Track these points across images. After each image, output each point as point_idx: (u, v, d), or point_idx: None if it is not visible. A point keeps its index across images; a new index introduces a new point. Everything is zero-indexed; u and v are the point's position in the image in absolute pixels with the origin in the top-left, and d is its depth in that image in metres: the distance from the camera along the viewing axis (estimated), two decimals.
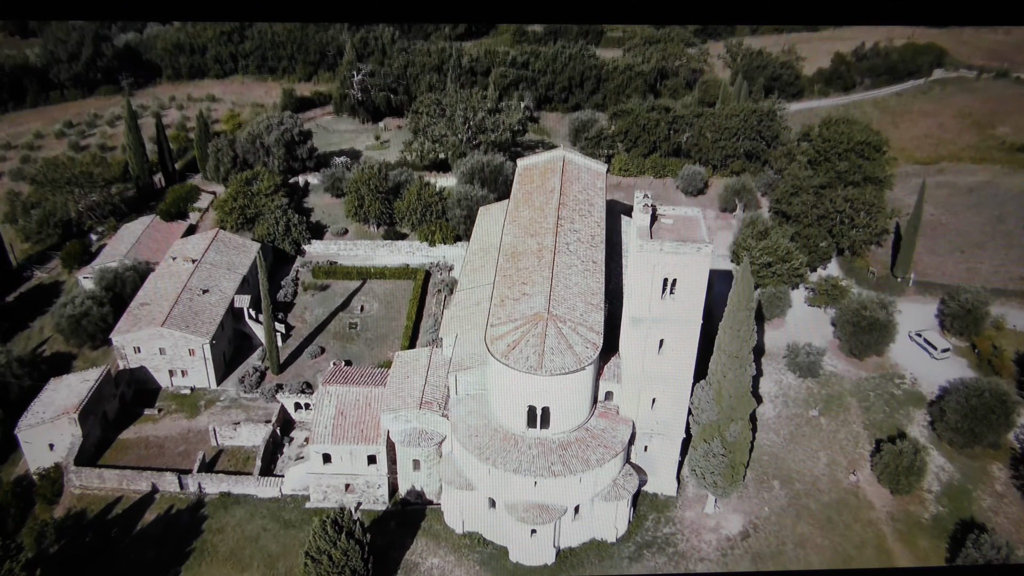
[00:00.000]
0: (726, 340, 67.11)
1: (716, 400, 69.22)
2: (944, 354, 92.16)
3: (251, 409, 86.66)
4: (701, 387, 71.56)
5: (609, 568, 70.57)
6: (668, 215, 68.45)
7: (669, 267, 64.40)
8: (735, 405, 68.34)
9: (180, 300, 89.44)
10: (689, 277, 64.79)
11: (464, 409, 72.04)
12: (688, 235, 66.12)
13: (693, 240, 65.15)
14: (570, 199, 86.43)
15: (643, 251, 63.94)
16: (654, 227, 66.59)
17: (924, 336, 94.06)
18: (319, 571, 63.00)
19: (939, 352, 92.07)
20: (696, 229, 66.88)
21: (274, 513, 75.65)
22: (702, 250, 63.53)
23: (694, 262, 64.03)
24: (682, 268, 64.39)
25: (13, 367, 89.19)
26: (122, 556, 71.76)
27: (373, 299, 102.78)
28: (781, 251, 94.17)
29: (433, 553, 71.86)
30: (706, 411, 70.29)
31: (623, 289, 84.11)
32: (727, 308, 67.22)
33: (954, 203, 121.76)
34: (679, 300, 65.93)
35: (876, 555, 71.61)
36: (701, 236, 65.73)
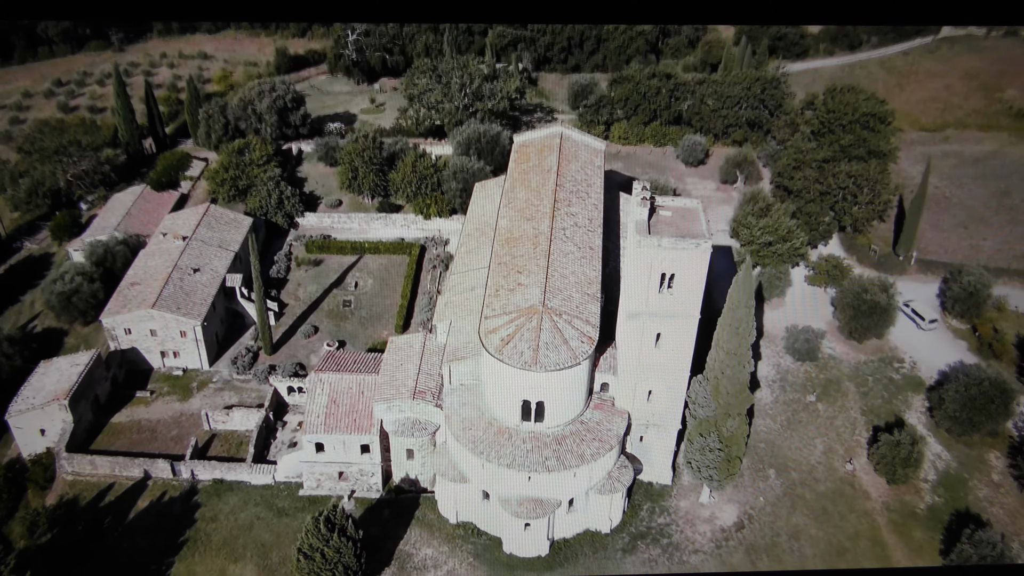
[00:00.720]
0: (725, 337, 65.94)
1: (713, 396, 68.34)
2: (931, 325, 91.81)
3: (244, 391, 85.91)
4: (698, 382, 70.61)
5: (603, 559, 70.51)
6: (667, 207, 66.68)
7: (667, 262, 62.91)
8: (732, 401, 67.47)
9: (170, 280, 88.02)
10: (687, 273, 63.33)
11: (458, 400, 71.23)
12: (687, 228, 64.47)
13: (692, 234, 63.53)
14: (567, 179, 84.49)
15: (641, 247, 62.35)
16: (652, 220, 64.87)
17: (912, 307, 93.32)
18: (312, 568, 62.82)
19: (926, 323, 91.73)
20: (695, 222, 65.18)
21: (267, 501, 75.38)
22: (701, 246, 61.96)
23: (693, 258, 62.51)
24: (680, 264, 62.89)
25: (3, 346, 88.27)
26: (116, 546, 71.57)
27: (367, 275, 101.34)
28: (782, 230, 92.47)
29: (427, 543, 71.74)
30: (703, 406, 69.46)
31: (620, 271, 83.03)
32: (726, 304, 65.88)
33: (959, 175, 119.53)
34: (677, 295, 64.58)
35: (870, 547, 71.52)
36: (700, 230, 64.07)
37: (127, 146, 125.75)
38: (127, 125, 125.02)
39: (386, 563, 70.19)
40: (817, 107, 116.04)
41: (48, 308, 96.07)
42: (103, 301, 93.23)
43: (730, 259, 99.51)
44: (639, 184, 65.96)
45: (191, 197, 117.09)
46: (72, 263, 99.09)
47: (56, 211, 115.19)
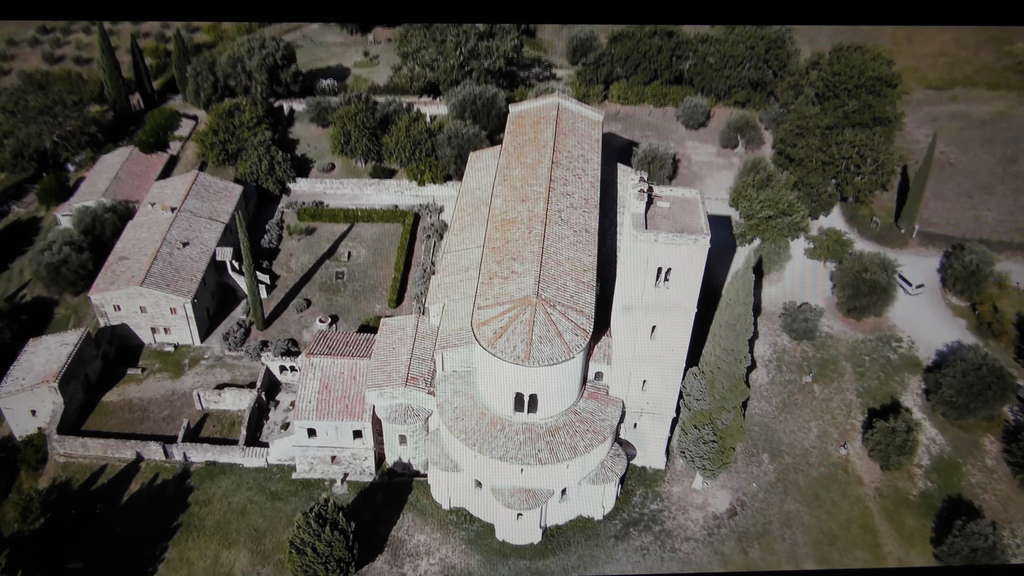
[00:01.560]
0: (722, 333, 64.89)
1: (709, 390, 67.62)
2: (918, 290, 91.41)
3: (236, 368, 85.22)
4: (694, 375, 69.83)
5: (595, 547, 70.75)
6: (664, 197, 64.80)
7: (664, 257, 61.38)
8: (727, 395, 66.78)
9: (159, 255, 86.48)
10: (684, 267, 61.86)
11: (450, 388, 70.49)
12: (685, 221, 62.75)
13: (690, 228, 61.87)
14: (563, 155, 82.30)
15: (637, 242, 60.77)
16: (649, 212, 63.09)
17: (899, 272, 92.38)
18: (304, 562, 62.95)
19: (913, 288, 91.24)
20: (694, 214, 63.40)
21: (260, 484, 75.30)
22: (699, 242, 60.37)
23: (690, 253, 60.97)
24: (677, 258, 61.37)
25: None
26: (109, 530, 71.75)
27: (360, 244, 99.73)
28: (782, 204, 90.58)
29: (420, 530, 71.89)
30: (698, 399, 68.80)
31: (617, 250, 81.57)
32: (724, 299, 64.64)
33: (965, 138, 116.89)
34: (674, 288, 63.20)
35: (861, 534, 71.75)
36: (699, 223, 62.33)
37: (114, 103, 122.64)
38: (112, 81, 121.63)
39: (379, 550, 70.42)
40: (823, 67, 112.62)
41: (37, 279, 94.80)
42: (92, 272, 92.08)
43: (729, 230, 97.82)
44: (636, 175, 63.99)
45: (180, 159, 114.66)
46: (60, 232, 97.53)
47: (43, 172, 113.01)
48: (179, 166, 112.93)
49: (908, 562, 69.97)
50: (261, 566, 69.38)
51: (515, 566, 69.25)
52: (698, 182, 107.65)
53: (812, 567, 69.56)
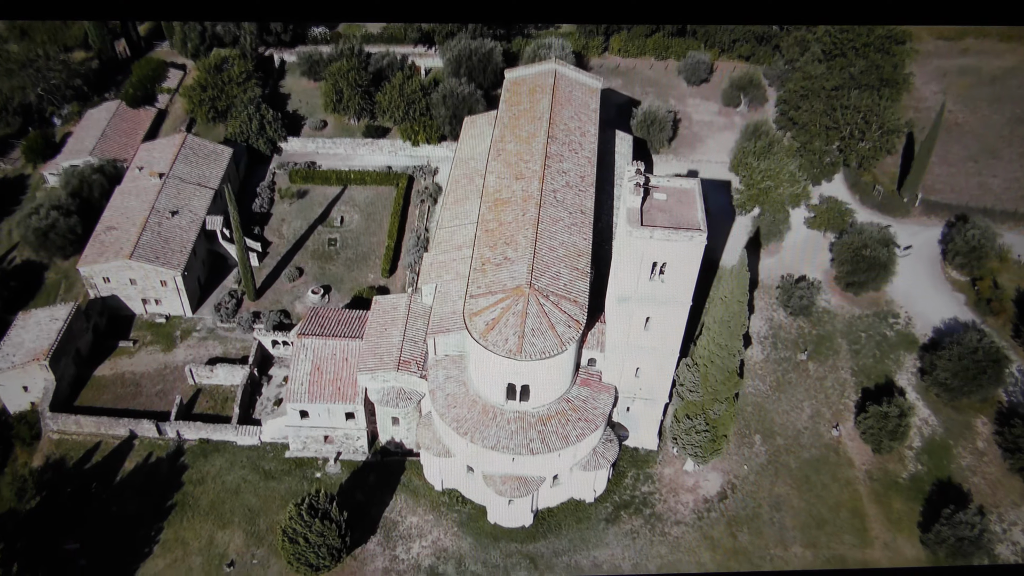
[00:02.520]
0: (716, 329, 64.06)
1: (702, 383, 67.20)
2: (905, 251, 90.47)
3: (228, 341, 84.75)
4: (687, 366, 69.26)
5: (586, 530, 71.48)
6: (662, 188, 63.11)
7: (659, 253, 60.20)
8: (720, 388, 66.40)
9: (148, 225, 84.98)
10: (680, 264, 60.72)
11: (443, 374, 70.06)
12: (682, 215, 61.22)
13: (687, 223, 60.43)
14: (560, 129, 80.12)
15: (632, 237, 59.44)
16: (645, 205, 61.48)
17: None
18: (296, 551, 63.62)
19: (900, 250, 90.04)
20: (691, 207, 61.81)
21: (254, 462, 75.67)
22: (695, 239, 59.07)
23: (686, 250, 59.74)
24: (673, 254, 60.19)
25: None
26: (105, 509, 72.37)
27: (353, 208, 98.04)
28: (784, 174, 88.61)
29: (412, 511, 72.52)
30: (691, 390, 68.43)
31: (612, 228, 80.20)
32: (718, 294, 63.61)
33: (974, 96, 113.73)
34: (669, 282, 62.17)
35: (850, 518, 72.41)
36: (696, 218, 60.81)
37: (99, 51, 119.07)
38: (97, 27, 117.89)
39: (371, 531, 71.16)
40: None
41: (25, 243, 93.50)
42: (81, 236, 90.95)
43: (728, 197, 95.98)
44: (632, 167, 62.15)
45: (169, 114, 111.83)
46: (47, 194, 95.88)
47: (28, 128, 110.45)
48: (168, 121, 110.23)
49: (895, 547, 70.81)
50: (256, 547, 70.23)
51: (506, 549, 70.09)
52: (698, 143, 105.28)
53: (799, 551, 70.39)
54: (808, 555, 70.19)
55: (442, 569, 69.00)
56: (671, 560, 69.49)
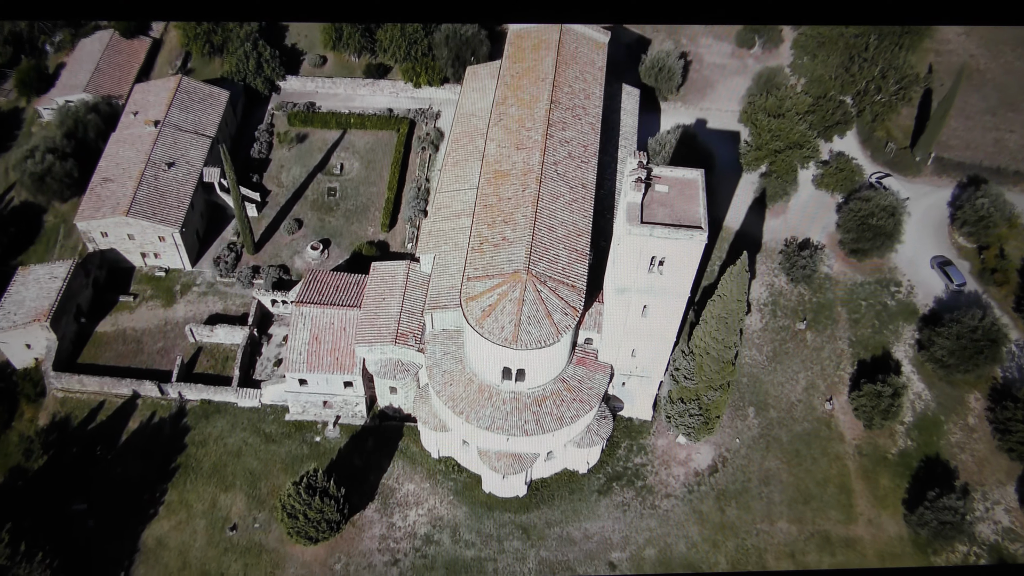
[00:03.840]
0: (713, 324, 63.70)
1: (696, 372, 67.40)
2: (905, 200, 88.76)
3: (228, 296, 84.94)
4: (683, 353, 69.24)
5: (578, 501, 73.34)
6: (664, 179, 61.52)
7: (658, 249, 59.33)
8: (715, 377, 66.69)
9: (144, 179, 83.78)
10: (679, 259, 59.91)
11: (440, 349, 70.37)
12: (683, 210, 59.93)
13: (688, 218, 59.26)
14: (563, 93, 77.70)
15: (632, 235, 58.49)
16: (646, 198, 60.13)
17: (884, 183, 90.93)
18: (296, 525, 65.66)
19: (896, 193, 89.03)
20: (693, 201, 60.38)
21: (254, 424, 77.12)
22: (695, 237, 58.07)
23: (686, 247, 58.86)
24: (672, 251, 59.31)
25: None
26: (110, 470, 74.34)
27: (353, 155, 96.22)
28: (794, 135, 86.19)
29: (409, 478, 74.33)
30: (687, 377, 68.70)
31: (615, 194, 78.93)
32: (718, 290, 62.95)
33: (999, 40, 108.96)
34: (667, 275, 61.51)
35: (836, 494, 74.00)
36: (697, 213, 59.53)
37: None
38: None
39: (370, 498, 73.18)
40: None
41: (22, 186, 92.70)
42: (78, 180, 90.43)
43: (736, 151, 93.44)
44: (634, 159, 60.46)
45: (164, 43, 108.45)
46: (43, 137, 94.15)
47: (20, 56, 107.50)
48: (162, 53, 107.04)
49: (879, 523, 72.65)
50: (257, 510, 72.45)
51: (500, 519, 72.19)
52: (708, 89, 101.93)
53: (785, 526, 72.32)
54: (793, 530, 72.16)
55: (437, 537, 71.30)
56: (660, 533, 71.58)
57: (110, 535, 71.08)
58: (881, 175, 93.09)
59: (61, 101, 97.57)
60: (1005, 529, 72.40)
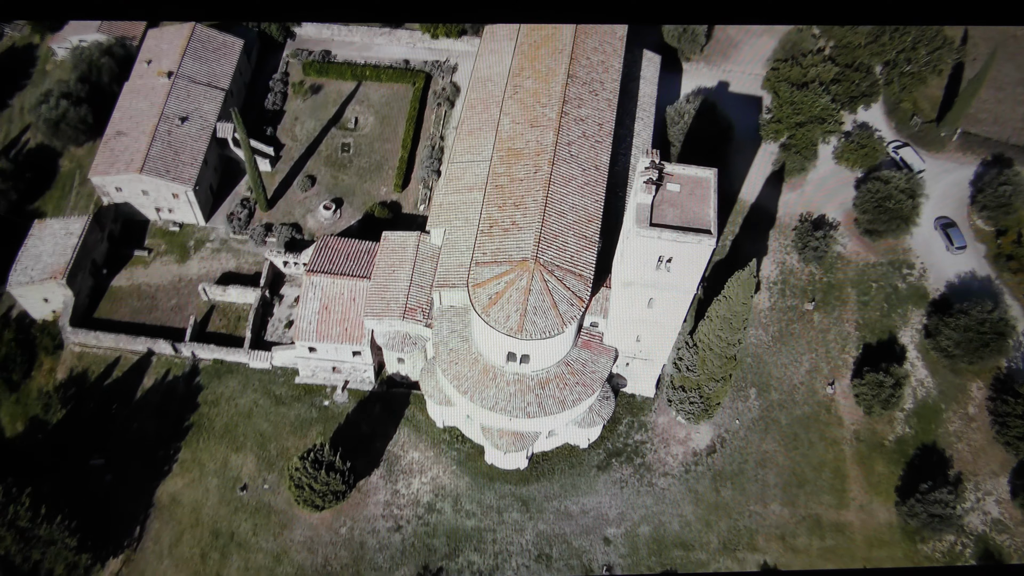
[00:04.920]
0: (718, 323, 64.04)
1: (699, 365, 68.11)
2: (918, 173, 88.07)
3: (241, 254, 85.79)
4: (687, 345, 69.78)
5: (577, 476, 75.38)
6: (676, 177, 60.81)
7: (666, 250, 59.28)
8: (716, 371, 67.42)
9: (157, 134, 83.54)
10: (686, 260, 59.89)
11: (447, 326, 71.23)
12: (693, 212, 59.50)
13: (697, 221, 58.90)
14: (581, 66, 76.19)
15: (640, 237, 58.38)
16: (656, 198, 59.64)
17: (902, 155, 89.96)
18: (303, 495, 68.16)
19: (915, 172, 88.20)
20: (704, 203, 59.78)
21: (265, 386, 79.01)
22: (703, 243, 57.91)
23: (693, 251, 58.79)
24: (680, 252, 59.26)
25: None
26: (125, 427, 76.85)
27: (368, 109, 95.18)
28: (816, 109, 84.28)
29: (414, 447, 76.44)
30: (690, 368, 69.45)
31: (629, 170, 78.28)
32: (724, 292, 63.06)
33: None
34: (674, 273, 61.60)
35: (831, 479, 75.62)
36: (707, 216, 59.05)
37: None
38: None
39: (375, 464, 75.51)
40: None
41: (37, 130, 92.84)
42: (93, 125, 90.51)
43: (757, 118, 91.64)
44: (646, 158, 59.72)
45: None
46: (57, 81, 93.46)
47: None
48: None
49: (870, 509, 74.43)
50: (267, 472, 75.06)
51: (500, 490, 74.48)
52: (732, 50, 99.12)
53: (778, 509, 74.27)
54: (785, 513, 74.13)
55: (439, 506, 73.83)
56: (655, 511, 73.77)
57: (127, 490, 74.07)
58: (899, 144, 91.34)
59: (75, 40, 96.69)
60: (994, 520, 74.05)
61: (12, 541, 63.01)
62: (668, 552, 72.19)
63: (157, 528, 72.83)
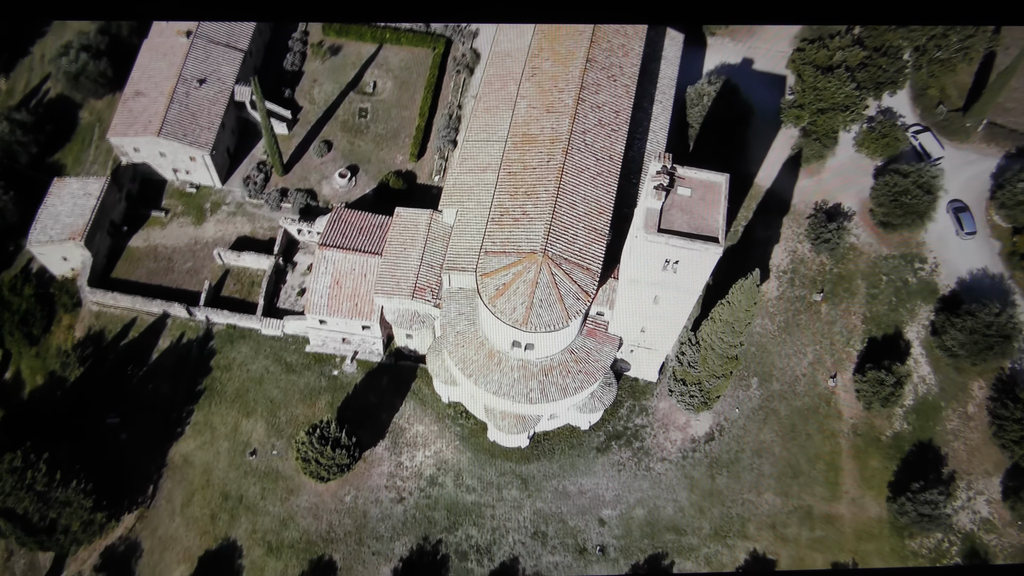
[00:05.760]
0: (719, 326, 64.66)
1: (700, 363, 68.96)
2: (936, 161, 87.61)
3: (256, 218, 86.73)
4: (689, 342, 70.52)
5: (576, 457, 77.24)
6: (687, 181, 60.70)
7: (672, 254, 59.66)
8: (717, 369, 68.32)
9: (175, 96, 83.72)
10: (692, 264, 60.33)
11: (455, 308, 72.21)
12: (702, 217, 59.60)
13: (706, 228, 59.04)
14: (601, 49, 75.35)
15: (647, 242, 58.74)
16: (666, 202, 59.71)
17: (921, 141, 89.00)
18: (309, 468, 70.51)
19: (931, 161, 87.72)
20: (714, 209, 59.76)
21: (276, 353, 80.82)
22: (709, 251, 58.24)
23: (700, 258, 59.17)
24: (686, 257, 59.66)
25: (17, 133, 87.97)
26: (140, 388, 79.15)
27: (387, 74, 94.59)
28: (840, 97, 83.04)
29: (419, 420, 78.40)
30: (691, 364, 70.34)
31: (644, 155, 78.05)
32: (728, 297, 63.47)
33: None
34: (681, 274, 62.09)
35: (825, 471, 77.06)
36: (716, 222, 59.14)
37: None
38: None
39: (380, 436, 77.64)
40: None
41: (57, 81, 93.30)
42: (112, 79, 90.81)
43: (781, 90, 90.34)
44: (658, 162, 59.52)
45: None
46: (77, 33, 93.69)
47: None
48: None
49: (861, 503, 76.02)
50: (276, 438, 77.40)
51: (501, 467, 76.57)
52: (759, 27, 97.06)
53: (771, 498, 76.01)
54: (778, 503, 75.88)
55: (441, 480, 76.11)
56: (650, 495, 75.72)
57: (141, 449, 76.76)
58: (919, 129, 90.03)
59: None
60: (983, 519, 75.49)
61: (30, 502, 65.83)
62: (660, 536, 74.36)
63: (170, 487, 75.67)
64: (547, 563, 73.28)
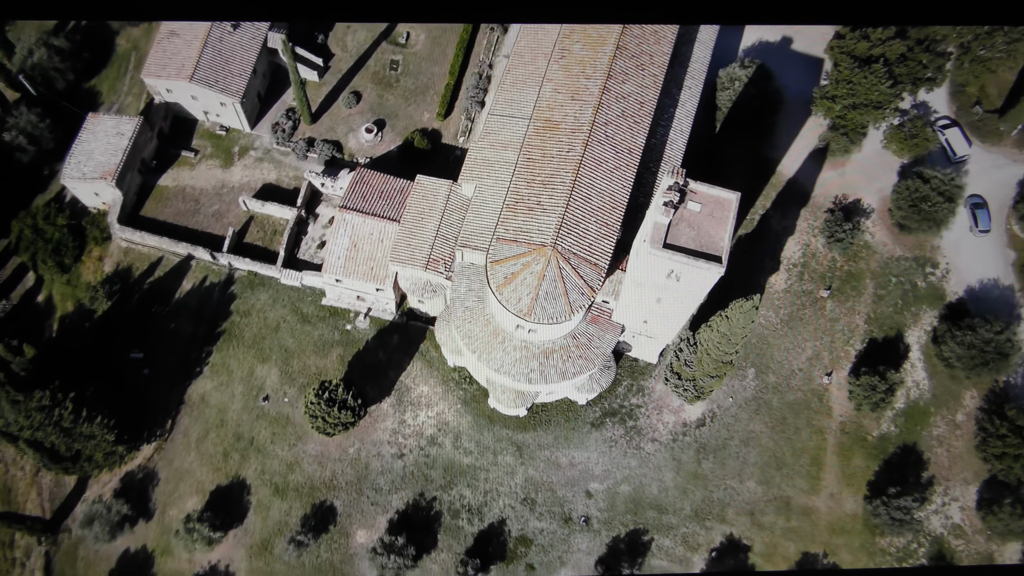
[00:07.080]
0: (716, 336, 66.60)
1: (697, 364, 71.18)
2: (961, 157, 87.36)
3: (282, 166, 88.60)
4: (687, 342, 72.49)
5: (571, 431, 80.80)
6: (698, 196, 61.63)
7: (676, 267, 61.32)
8: (712, 371, 70.60)
9: (209, 40, 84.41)
10: (695, 279, 62.04)
11: (464, 284, 74.55)
12: (709, 235, 60.88)
13: (711, 245, 60.47)
14: (632, 36, 74.82)
15: (652, 256, 60.34)
16: (676, 216, 60.91)
17: (947, 135, 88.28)
18: (317, 424, 74.73)
19: (955, 158, 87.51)
20: (721, 227, 60.93)
21: (293, 303, 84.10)
22: (712, 270, 59.81)
23: (702, 275, 60.82)
24: (689, 272, 61.32)
25: (55, 60, 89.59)
26: (163, 326, 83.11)
27: (420, 24, 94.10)
28: (873, 94, 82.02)
29: (424, 381, 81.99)
30: (687, 363, 72.56)
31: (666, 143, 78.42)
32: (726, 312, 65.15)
33: None
34: (684, 283, 63.85)
35: (808, 465, 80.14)
36: (721, 241, 60.46)
37: None
38: None
39: (387, 393, 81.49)
40: None
41: None
42: None
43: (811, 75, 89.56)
44: (670, 177, 60.31)
45: None
46: None
47: None
48: None
49: (839, 499, 79.34)
50: (288, 386, 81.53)
51: (499, 434, 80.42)
52: None
53: (752, 486, 79.53)
54: (759, 491, 79.39)
55: (441, 440, 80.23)
56: (637, 473, 79.49)
57: (161, 385, 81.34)
58: (947, 123, 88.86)
59: None
60: (954, 525, 78.67)
61: (57, 436, 70.78)
62: (643, 512, 78.45)
63: (187, 424, 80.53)
64: (533, 528, 77.91)
